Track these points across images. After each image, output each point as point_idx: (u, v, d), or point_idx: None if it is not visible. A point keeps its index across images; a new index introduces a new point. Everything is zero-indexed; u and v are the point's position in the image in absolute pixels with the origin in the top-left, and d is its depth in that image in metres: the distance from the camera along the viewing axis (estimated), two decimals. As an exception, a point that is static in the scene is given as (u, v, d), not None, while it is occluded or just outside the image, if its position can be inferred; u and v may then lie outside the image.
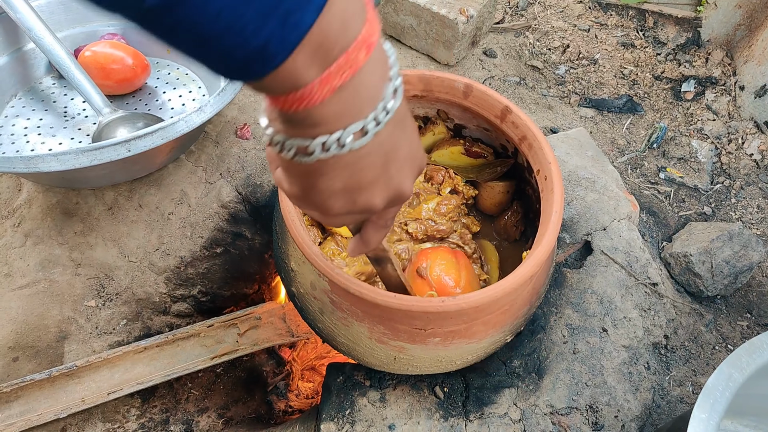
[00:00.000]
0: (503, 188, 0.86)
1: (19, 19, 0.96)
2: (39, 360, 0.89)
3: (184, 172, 1.04)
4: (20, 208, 1.00)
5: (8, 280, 0.94)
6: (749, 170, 1.26)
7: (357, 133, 0.34)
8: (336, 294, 0.66)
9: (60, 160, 0.78)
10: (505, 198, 0.87)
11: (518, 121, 0.75)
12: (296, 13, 0.28)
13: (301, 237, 0.64)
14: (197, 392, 0.99)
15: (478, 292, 0.62)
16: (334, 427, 0.78)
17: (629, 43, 1.47)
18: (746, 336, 1.00)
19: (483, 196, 0.88)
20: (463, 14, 1.32)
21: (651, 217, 1.15)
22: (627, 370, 0.86)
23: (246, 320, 0.95)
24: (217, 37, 0.27)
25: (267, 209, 1.06)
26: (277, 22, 0.27)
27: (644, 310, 0.92)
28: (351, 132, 0.34)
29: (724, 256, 1.00)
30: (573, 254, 0.98)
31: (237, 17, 0.26)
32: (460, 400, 0.81)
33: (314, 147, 0.34)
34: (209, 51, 0.28)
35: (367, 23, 0.32)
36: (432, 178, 0.87)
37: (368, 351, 0.70)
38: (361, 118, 0.34)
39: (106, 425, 0.88)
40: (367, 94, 0.34)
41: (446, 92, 0.79)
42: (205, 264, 1.02)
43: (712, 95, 1.38)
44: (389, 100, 0.35)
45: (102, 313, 0.94)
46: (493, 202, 0.87)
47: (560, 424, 0.80)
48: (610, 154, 1.31)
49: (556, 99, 1.41)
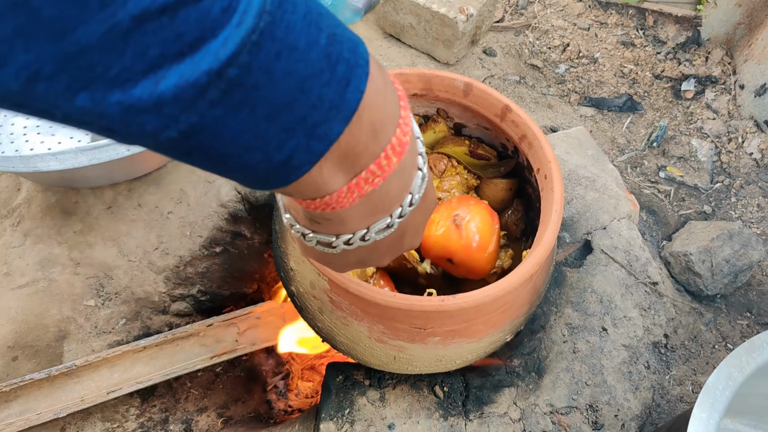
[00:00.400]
0: (506, 185, 0.86)
1: (17, 18, 0.96)
2: (38, 359, 0.89)
3: (183, 172, 1.04)
4: (19, 208, 1.00)
5: (7, 280, 0.93)
6: (749, 169, 1.26)
7: (382, 229, 0.33)
8: (335, 293, 0.65)
9: (59, 159, 0.78)
10: (507, 195, 0.86)
11: (518, 119, 0.75)
12: (324, 124, 0.25)
13: (301, 236, 0.64)
14: (196, 392, 0.99)
15: (478, 291, 0.61)
16: (333, 426, 0.78)
17: (629, 42, 1.47)
18: (746, 335, 1.00)
19: (486, 192, 0.87)
20: (462, 13, 1.32)
21: (651, 216, 1.15)
22: (627, 370, 0.86)
23: (245, 319, 0.95)
24: (236, 156, 0.25)
25: (266, 208, 1.06)
26: (303, 135, 0.25)
27: (644, 309, 0.92)
28: (376, 229, 0.33)
29: (724, 255, 1.00)
30: (573, 253, 0.98)
31: (258, 137, 0.24)
32: (460, 399, 0.81)
33: (338, 243, 0.33)
34: (228, 169, 0.26)
35: (401, 124, 0.29)
36: (434, 167, 0.86)
37: (368, 350, 0.70)
38: (388, 215, 0.32)
39: (105, 425, 0.88)
40: (396, 193, 0.32)
41: (446, 91, 0.79)
42: (205, 263, 1.02)
43: (712, 94, 1.38)
44: (417, 192, 0.33)
45: (101, 312, 0.94)
46: (495, 199, 0.87)
47: (560, 424, 0.80)
48: (610, 153, 1.31)
49: (556, 98, 1.41)
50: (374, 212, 0.32)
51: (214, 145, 0.24)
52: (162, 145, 0.23)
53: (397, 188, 0.31)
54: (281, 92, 0.23)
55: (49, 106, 0.20)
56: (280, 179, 0.27)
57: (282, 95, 0.23)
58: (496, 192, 0.86)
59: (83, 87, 0.19)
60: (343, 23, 0.26)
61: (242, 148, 0.24)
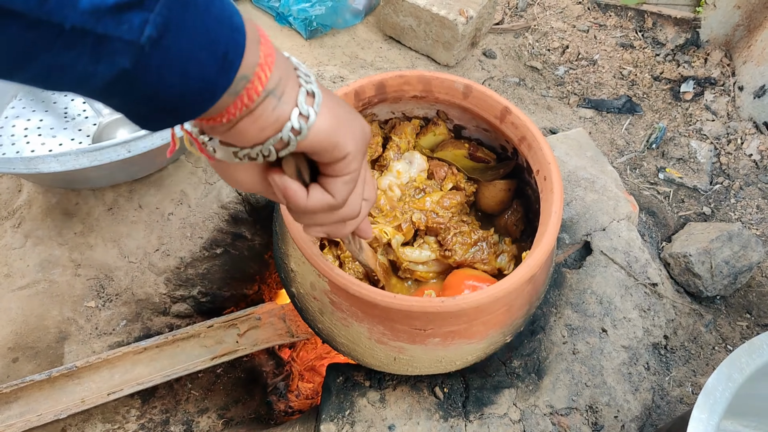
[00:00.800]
0: (505, 186, 0.86)
1: (19, 20, 0.96)
2: (39, 361, 0.90)
3: (184, 173, 1.04)
4: (20, 209, 1.00)
5: (8, 281, 0.94)
6: (748, 170, 1.26)
7: (278, 143, 0.39)
8: (336, 294, 0.66)
9: (60, 160, 0.78)
10: (506, 196, 0.86)
11: (518, 121, 0.75)
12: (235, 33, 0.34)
13: (301, 238, 0.64)
14: (197, 393, 0.99)
15: (478, 292, 0.62)
16: (333, 427, 0.78)
17: (628, 44, 1.48)
18: (746, 336, 1.00)
19: (485, 194, 0.87)
20: (462, 15, 1.32)
21: (650, 218, 1.16)
22: (627, 371, 0.86)
23: (246, 321, 0.95)
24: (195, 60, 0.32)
25: (267, 210, 1.06)
26: (228, 29, 0.33)
27: (644, 310, 0.92)
28: (272, 142, 0.39)
29: (724, 257, 1.00)
30: (572, 254, 0.98)
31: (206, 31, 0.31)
32: (460, 400, 0.81)
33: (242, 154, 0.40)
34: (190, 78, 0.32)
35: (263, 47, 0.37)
36: (434, 173, 0.86)
37: (368, 351, 0.70)
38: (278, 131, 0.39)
39: (106, 426, 0.88)
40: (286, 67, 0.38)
41: (446, 93, 0.79)
42: (205, 265, 1.02)
43: (711, 96, 1.39)
44: (306, 106, 0.39)
45: (102, 313, 0.94)
46: (495, 200, 0.87)
47: (560, 425, 0.80)
48: (609, 154, 1.31)
49: (555, 99, 1.41)
50: (287, 84, 0.38)
51: (178, 44, 0.30)
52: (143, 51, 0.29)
53: (286, 65, 0.38)
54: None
55: (61, 17, 0.25)
56: (225, 79, 0.34)
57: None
58: (495, 193, 0.86)
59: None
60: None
61: (197, 48, 0.31)
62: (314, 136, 0.40)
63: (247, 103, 0.37)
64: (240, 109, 0.37)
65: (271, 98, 0.38)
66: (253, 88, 0.36)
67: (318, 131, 0.40)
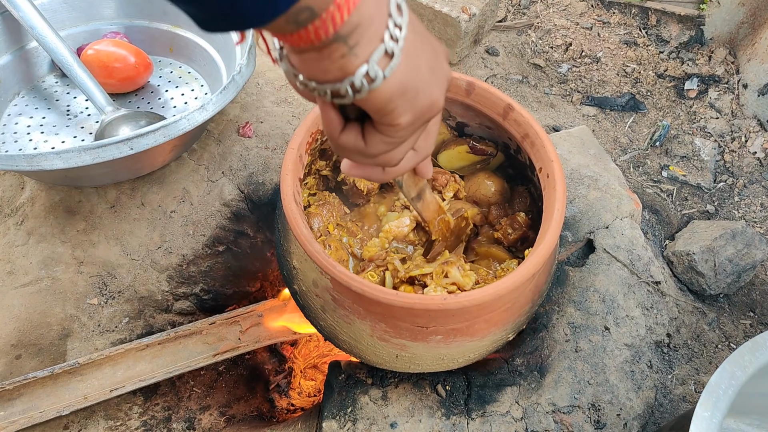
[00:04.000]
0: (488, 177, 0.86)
1: (21, 18, 0.96)
2: (42, 357, 0.90)
3: (186, 171, 1.04)
4: (23, 207, 1.01)
5: (11, 278, 0.94)
6: (752, 168, 1.25)
7: (382, 58, 0.35)
8: (338, 291, 0.66)
9: (63, 158, 0.78)
10: (495, 187, 0.86)
11: (520, 119, 0.75)
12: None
13: (304, 234, 0.64)
14: (199, 390, 0.99)
15: (480, 289, 0.61)
16: (336, 425, 0.78)
17: (632, 41, 1.47)
18: (749, 334, 1.00)
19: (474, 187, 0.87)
20: (465, 12, 1.32)
21: (653, 216, 1.15)
22: (629, 369, 0.86)
23: (248, 318, 0.95)
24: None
25: (269, 207, 1.06)
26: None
27: (647, 308, 0.92)
28: (376, 59, 0.34)
29: (727, 255, 1.00)
30: (575, 252, 0.98)
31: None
32: (462, 398, 0.81)
33: (345, 88, 0.35)
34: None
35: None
36: (435, 180, 0.86)
37: (370, 349, 0.70)
38: (379, 40, 0.34)
39: (108, 422, 0.88)
40: (374, 12, 0.34)
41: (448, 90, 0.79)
42: (208, 262, 1.03)
43: (715, 93, 1.38)
44: (398, 16, 0.35)
45: (104, 310, 0.95)
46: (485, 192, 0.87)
47: (562, 423, 0.80)
48: (612, 152, 1.30)
49: (558, 97, 1.41)
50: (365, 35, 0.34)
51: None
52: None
53: (373, 8, 0.33)
54: None
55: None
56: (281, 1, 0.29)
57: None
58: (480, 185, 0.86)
59: None
60: None
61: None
62: (373, 99, 0.37)
63: (313, 40, 0.33)
64: (304, 42, 0.33)
65: (341, 44, 0.34)
66: (322, 27, 0.32)
67: (378, 95, 0.36)
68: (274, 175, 1.06)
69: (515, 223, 0.81)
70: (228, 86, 0.88)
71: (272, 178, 1.06)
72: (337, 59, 0.34)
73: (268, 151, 1.09)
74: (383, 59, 0.35)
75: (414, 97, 0.38)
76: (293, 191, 0.67)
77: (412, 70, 0.37)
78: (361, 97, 0.36)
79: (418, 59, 0.37)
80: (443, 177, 0.86)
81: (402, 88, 0.37)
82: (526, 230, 0.80)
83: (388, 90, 0.36)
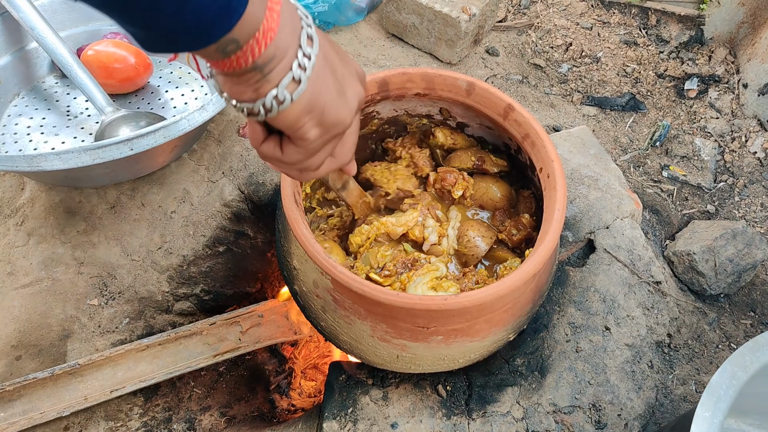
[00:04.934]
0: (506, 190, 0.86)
1: (21, 19, 0.96)
2: (42, 358, 0.90)
3: (186, 171, 1.04)
4: (23, 207, 1.01)
5: (11, 279, 0.94)
6: (753, 168, 1.25)
7: (290, 84, 0.40)
8: (338, 292, 0.66)
9: (63, 158, 0.78)
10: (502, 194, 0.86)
11: (521, 119, 0.75)
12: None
13: (304, 235, 0.64)
14: (200, 390, 0.99)
15: (481, 289, 0.61)
16: (336, 425, 0.78)
17: (632, 41, 1.47)
18: (750, 334, 1.00)
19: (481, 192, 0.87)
20: (465, 12, 1.32)
21: (654, 216, 1.15)
22: (630, 369, 0.86)
23: (248, 318, 0.95)
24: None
25: (269, 207, 1.06)
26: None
27: (647, 308, 0.92)
28: (284, 84, 0.39)
29: (728, 255, 1.00)
30: (576, 252, 0.98)
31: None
32: (463, 398, 0.81)
33: (258, 108, 0.41)
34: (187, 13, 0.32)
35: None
36: (444, 179, 0.85)
37: (371, 349, 0.70)
38: (289, 69, 0.39)
39: (108, 423, 0.88)
40: (287, 44, 0.39)
41: (449, 90, 0.79)
42: (208, 262, 1.03)
43: (715, 93, 1.38)
44: (307, 48, 0.40)
45: (105, 311, 0.94)
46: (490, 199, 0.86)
47: (563, 423, 0.80)
48: (612, 152, 1.30)
49: (558, 97, 1.41)
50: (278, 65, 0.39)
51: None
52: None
53: (287, 41, 0.39)
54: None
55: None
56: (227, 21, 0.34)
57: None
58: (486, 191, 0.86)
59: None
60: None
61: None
62: (282, 117, 0.42)
63: (235, 67, 0.38)
64: (227, 68, 0.38)
65: (257, 72, 0.39)
66: (243, 57, 0.37)
67: (287, 114, 0.42)
68: (274, 175, 1.06)
69: (519, 224, 0.81)
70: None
71: (272, 179, 1.06)
72: (252, 83, 0.39)
73: (268, 152, 1.09)
74: (291, 84, 0.40)
75: (320, 116, 0.43)
76: (293, 192, 0.67)
77: (318, 92, 0.42)
78: (272, 116, 0.41)
79: (324, 83, 0.43)
80: (452, 176, 0.85)
81: (308, 108, 0.42)
82: (530, 231, 0.80)
83: (295, 110, 0.42)
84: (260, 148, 0.47)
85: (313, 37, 0.41)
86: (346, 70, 0.46)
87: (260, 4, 0.36)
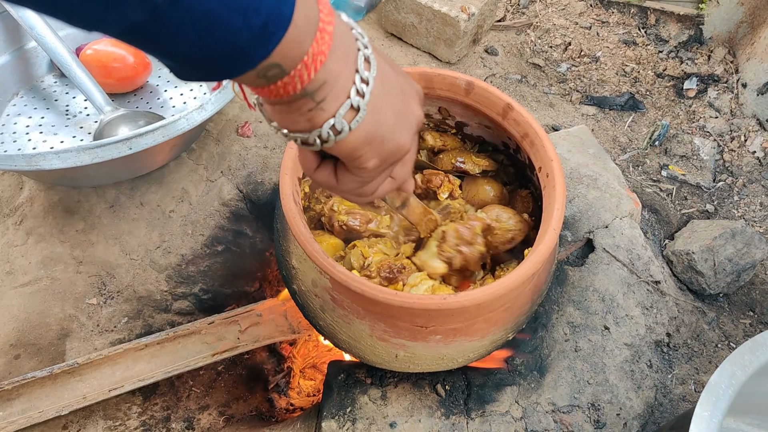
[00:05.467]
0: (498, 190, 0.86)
1: (20, 18, 0.96)
2: (40, 357, 0.90)
3: (185, 170, 1.04)
4: (22, 206, 1.00)
5: (10, 278, 0.94)
6: (752, 168, 1.25)
7: (348, 112, 0.37)
8: (337, 291, 0.65)
9: (61, 157, 0.78)
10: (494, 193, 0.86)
11: (520, 118, 0.75)
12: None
13: (303, 234, 0.64)
14: (198, 390, 0.99)
15: (480, 289, 0.61)
16: (335, 424, 0.78)
17: (631, 41, 1.47)
18: (749, 334, 1.00)
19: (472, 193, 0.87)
20: (464, 12, 1.32)
21: (653, 215, 1.15)
22: (629, 368, 0.86)
23: (247, 317, 0.95)
24: (222, 21, 0.28)
25: (268, 207, 1.06)
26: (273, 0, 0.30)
27: (646, 308, 0.92)
28: (342, 113, 0.36)
29: (727, 254, 1.00)
30: (575, 252, 0.98)
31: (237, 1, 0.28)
32: (462, 398, 0.81)
33: (314, 138, 0.37)
34: (215, 40, 0.29)
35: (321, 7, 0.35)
36: (430, 181, 0.85)
37: (369, 349, 0.70)
38: (346, 96, 0.36)
39: (107, 422, 0.88)
40: (341, 69, 0.36)
41: (448, 89, 0.79)
42: (207, 262, 1.02)
43: (714, 93, 1.38)
44: (365, 71, 0.37)
45: (103, 310, 0.94)
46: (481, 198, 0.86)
47: (562, 422, 0.80)
48: (611, 151, 1.30)
49: (557, 97, 1.41)
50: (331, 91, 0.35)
51: (201, 5, 0.27)
52: (159, 7, 0.26)
53: (340, 65, 0.35)
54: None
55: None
56: (262, 45, 0.31)
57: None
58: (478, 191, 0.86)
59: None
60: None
61: (226, 10, 0.28)
62: (340, 148, 0.39)
63: (282, 94, 0.34)
64: (274, 96, 0.35)
65: (308, 100, 0.35)
66: (290, 83, 0.34)
67: (345, 145, 0.38)
68: (273, 174, 1.06)
69: None
70: (227, 86, 0.88)
71: (271, 178, 1.06)
72: (305, 113, 0.36)
73: (267, 151, 1.09)
74: (349, 113, 0.37)
75: (380, 144, 0.40)
76: (292, 191, 0.67)
77: (377, 121, 0.39)
78: (328, 147, 0.38)
79: (384, 110, 0.40)
80: (437, 178, 0.85)
81: (368, 138, 0.39)
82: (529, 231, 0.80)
83: (354, 140, 0.38)
84: (314, 176, 0.44)
85: (371, 59, 0.38)
86: (406, 92, 0.43)
87: (307, 25, 0.32)
